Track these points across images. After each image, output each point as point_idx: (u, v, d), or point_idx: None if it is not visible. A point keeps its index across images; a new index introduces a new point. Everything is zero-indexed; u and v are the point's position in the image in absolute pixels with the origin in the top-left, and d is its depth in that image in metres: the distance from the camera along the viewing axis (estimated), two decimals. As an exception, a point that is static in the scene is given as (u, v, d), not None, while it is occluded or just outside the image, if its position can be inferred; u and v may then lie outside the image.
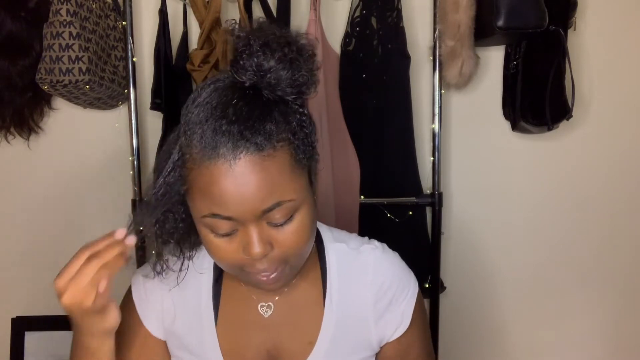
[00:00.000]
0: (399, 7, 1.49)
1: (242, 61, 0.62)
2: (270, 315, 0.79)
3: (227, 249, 0.66)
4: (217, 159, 0.61)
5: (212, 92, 0.65)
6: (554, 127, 1.47)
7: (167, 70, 1.50)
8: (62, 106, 1.59)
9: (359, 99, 1.50)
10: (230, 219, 0.63)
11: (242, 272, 0.69)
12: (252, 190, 0.62)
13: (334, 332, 0.78)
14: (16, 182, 1.64)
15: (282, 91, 0.64)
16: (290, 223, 0.66)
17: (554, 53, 1.45)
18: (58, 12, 1.33)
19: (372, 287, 0.80)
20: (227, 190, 0.61)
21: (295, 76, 0.63)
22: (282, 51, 0.62)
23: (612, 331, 1.69)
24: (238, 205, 0.62)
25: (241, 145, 0.61)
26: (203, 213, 0.64)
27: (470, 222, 1.65)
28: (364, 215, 1.45)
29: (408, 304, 0.81)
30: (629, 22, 1.58)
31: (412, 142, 1.54)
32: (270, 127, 0.62)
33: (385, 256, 0.82)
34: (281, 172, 0.63)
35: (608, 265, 1.66)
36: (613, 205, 1.64)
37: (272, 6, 1.49)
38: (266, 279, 0.69)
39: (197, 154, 0.63)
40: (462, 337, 1.69)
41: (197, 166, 0.63)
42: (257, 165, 0.61)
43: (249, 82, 0.63)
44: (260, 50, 0.62)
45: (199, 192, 0.64)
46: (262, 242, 0.64)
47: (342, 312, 0.79)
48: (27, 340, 1.57)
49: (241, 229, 0.65)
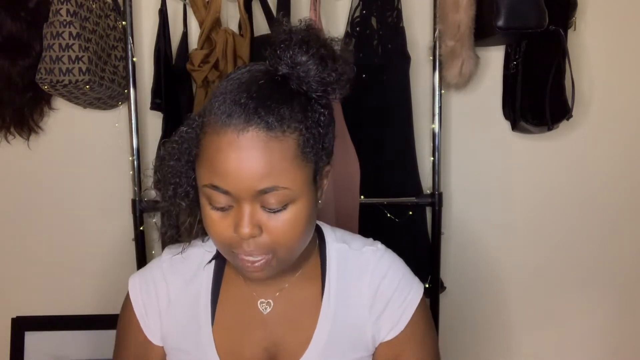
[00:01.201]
0: (399, 7, 1.49)
1: (279, 51, 0.67)
2: (270, 312, 0.80)
3: (221, 224, 0.68)
4: (227, 127, 0.64)
5: (246, 71, 0.70)
6: (554, 127, 1.47)
7: (167, 70, 1.50)
8: (62, 106, 1.59)
9: (359, 99, 1.50)
10: (227, 193, 0.66)
11: (231, 253, 0.71)
12: (252, 166, 0.64)
13: (330, 331, 0.79)
14: (16, 182, 1.64)
15: (308, 85, 0.67)
16: (283, 212, 0.67)
17: (554, 53, 1.45)
18: (58, 12, 1.33)
19: (370, 288, 0.80)
20: (229, 160, 0.64)
21: (323, 74, 0.67)
22: (316, 49, 0.66)
23: (612, 331, 1.69)
24: (236, 180, 0.64)
25: (252, 119, 0.63)
26: (204, 182, 0.67)
27: (470, 222, 1.65)
28: (364, 215, 1.45)
29: (407, 307, 0.80)
30: (629, 22, 1.58)
31: (412, 142, 1.54)
32: (285, 111, 0.65)
33: (386, 259, 0.82)
34: (284, 157, 0.65)
35: (608, 265, 1.66)
36: (613, 205, 1.64)
37: (272, 6, 1.49)
38: (250, 265, 0.70)
39: (212, 119, 0.66)
40: (462, 337, 1.69)
41: (209, 130, 0.66)
42: (262, 142, 0.64)
43: (281, 71, 0.68)
44: (297, 44, 0.66)
45: (206, 160, 0.67)
46: (252, 224, 0.66)
47: (340, 311, 0.79)
48: (27, 340, 1.57)
49: (236, 207, 0.67)
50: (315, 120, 0.69)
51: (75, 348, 1.57)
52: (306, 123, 0.67)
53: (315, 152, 0.69)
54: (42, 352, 1.57)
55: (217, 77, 1.45)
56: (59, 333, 1.58)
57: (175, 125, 1.52)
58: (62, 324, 1.58)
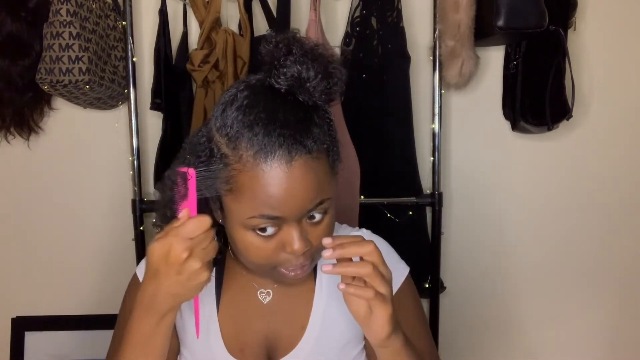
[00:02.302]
0: (399, 7, 1.49)
1: (283, 68, 0.66)
2: (269, 302, 0.83)
3: (266, 248, 0.69)
4: (272, 162, 0.64)
5: (250, 95, 0.68)
6: (554, 127, 1.47)
7: (167, 70, 1.50)
8: (62, 106, 1.59)
9: (359, 99, 1.50)
10: (277, 218, 0.66)
11: (272, 270, 0.72)
12: (304, 191, 0.65)
13: (323, 317, 0.82)
14: (16, 182, 1.64)
15: (317, 97, 0.67)
16: (323, 220, 0.70)
17: (554, 53, 1.45)
18: (58, 12, 1.33)
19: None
20: (282, 191, 0.65)
21: (329, 84, 0.67)
22: (319, 61, 0.66)
23: (612, 331, 1.69)
24: (290, 206, 0.65)
25: (295, 148, 0.64)
26: (250, 214, 0.66)
27: (470, 222, 1.65)
28: (364, 215, 1.45)
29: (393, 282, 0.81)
30: (629, 22, 1.58)
31: (412, 142, 1.54)
32: (316, 130, 0.67)
33: (371, 239, 0.84)
34: (325, 173, 0.68)
35: (608, 265, 1.66)
36: (613, 205, 1.64)
37: (272, 6, 1.49)
38: (295, 274, 0.72)
39: (249, 156, 0.64)
40: (462, 336, 1.69)
41: (248, 169, 0.65)
42: (309, 167, 0.65)
43: (285, 87, 0.67)
44: (302, 59, 0.65)
45: (250, 194, 0.65)
46: (303, 239, 0.68)
47: (331, 296, 0.83)
48: (27, 340, 1.57)
49: (283, 228, 0.68)
50: (330, 127, 0.71)
51: (75, 348, 1.57)
52: (328, 134, 0.70)
53: (337, 158, 0.72)
54: (42, 352, 1.57)
55: (217, 77, 1.45)
56: (59, 333, 1.58)
57: (175, 126, 1.54)
58: (62, 324, 1.58)
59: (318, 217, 0.69)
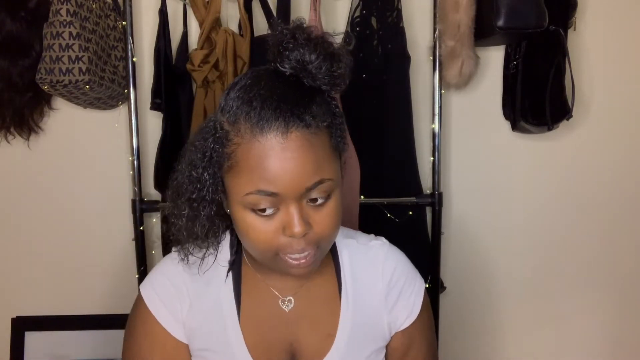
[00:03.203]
0: (399, 7, 1.49)
1: (287, 52, 0.68)
2: (291, 310, 0.82)
3: (266, 230, 0.68)
4: (268, 133, 0.64)
5: (254, 77, 0.70)
6: (554, 127, 1.47)
7: (167, 70, 1.50)
8: (62, 106, 1.59)
9: (359, 99, 1.50)
10: (274, 195, 0.66)
11: (275, 257, 0.71)
12: (300, 165, 0.65)
13: (351, 325, 0.82)
14: (16, 182, 1.64)
15: (321, 81, 0.69)
16: (327, 203, 0.69)
17: (554, 53, 1.45)
18: (58, 12, 1.33)
19: (384, 279, 0.84)
20: (278, 164, 0.65)
21: (333, 68, 0.68)
22: (323, 45, 0.68)
23: (612, 331, 1.69)
24: (286, 180, 0.65)
25: (292, 120, 0.65)
26: (248, 190, 0.66)
27: (470, 222, 1.65)
28: (364, 215, 1.45)
29: (417, 296, 0.85)
30: (629, 22, 1.58)
31: (412, 142, 1.54)
32: (315, 108, 0.67)
33: (393, 251, 0.88)
34: (324, 150, 0.68)
35: (608, 265, 1.66)
36: (613, 205, 1.64)
37: (272, 6, 1.49)
38: (298, 263, 0.71)
39: (247, 129, 0.66)
40: (462, 336, 1.69)
41: (246, 141, 0.66)
42: (305, 141, 0.65)
43: (290, 71, 0.68)
44: (305, 43, 0.67)
45: (247, 168, 0.66)
46: (303, 221, 0.67)
47: (357, 304, 0.82)
48: (27, 340, 1.57)
49: (282, 208, 0.67)
50: (334, 111, 0.72)
51: (75, 348, 1.57)
52: (330, 115, 0.70)
53: (340, 141, 0.72)
54: (42, 352, 1.57)
55: (217, 77, 1.44)
56: (59, 333, 1.58)
57: (175, 126, 1.54)
58: (62, 324, 1.58)
59: (320, 201, 0.68)
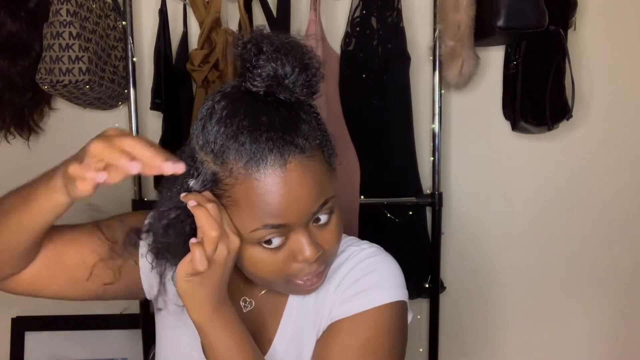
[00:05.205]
0: (399, 7, 1.49)
1: (257, 69, 0.61)
2: (249, 311, 0.79)
3: (276, 261, 0.66)
4: (265, 169, 0.60)
5: (228, 105, 0.63)
6: (554, 127, 1.47)
7: (167, 70, 1.50)
8: (62, 106, 1.59)
9: (359, 99, 1.50)
10: (282, 226, 0.63)
11: (286, 283, 0.68)
12: (304, 193, 0.62)
13: (291, 335, 0.76)
14: (16, 182, 1.63)
15: (299, 93, 0.63)
16: (330, 220, 0.67)
17: (554, 53, 1.45)
18: (58, 12, 1.33)
19: (343, 272, 0.75)
20: (282, 197, 0.61)
21: (308, 77, 0.63)
22: (293, 54, 0.62)
23: (612, 331, 1.69)
24: (292, 211, 0.62)
25: (286, 149, 0.61)
26: (254, 226, 0.63)
27: (470, 222, 1.65)
28: (364, 215, 1.45)
29: (361, 303, 0.72)
30: (629, 22, 1.58)
31: (412, 142, 1.54)
32: (305, 127, 0.63)
33: (366, 258, 0.76)
34: (322, 170, 0.65)
35: (608, 265, 1.66)
36: (613, 205, 1.64)
37: (272, 6, 1.48)
38: (311, 283, 0.69)
39: (240, 168, 0.61)
40: (462, 336, 1.69)
41: (241, 181, 0.61)
42: (304, 167, 0.62)
43: (263, 89, 0.62)
44: (274, 55, 0.61)
45: (248, 206, 0.62)
46: (313, 244, 0.65)
47: (305, 309, 0.76)
48: (27, 340, 1.57)
49: (290, 236, 0.65)
50: (319, 122, 0.68)
51: (75, 348, 1.57)
52: (318, 129, 0.66)
53: (332, 152, 0.69)
54: (42, 352, 1.57)
55: (217, 77, 1.44)
56: (59, 333, 1.58)
57: (175, 126, 1.54)
58: (62, 324, 1.58)
59: (324, 219, 0.66)
